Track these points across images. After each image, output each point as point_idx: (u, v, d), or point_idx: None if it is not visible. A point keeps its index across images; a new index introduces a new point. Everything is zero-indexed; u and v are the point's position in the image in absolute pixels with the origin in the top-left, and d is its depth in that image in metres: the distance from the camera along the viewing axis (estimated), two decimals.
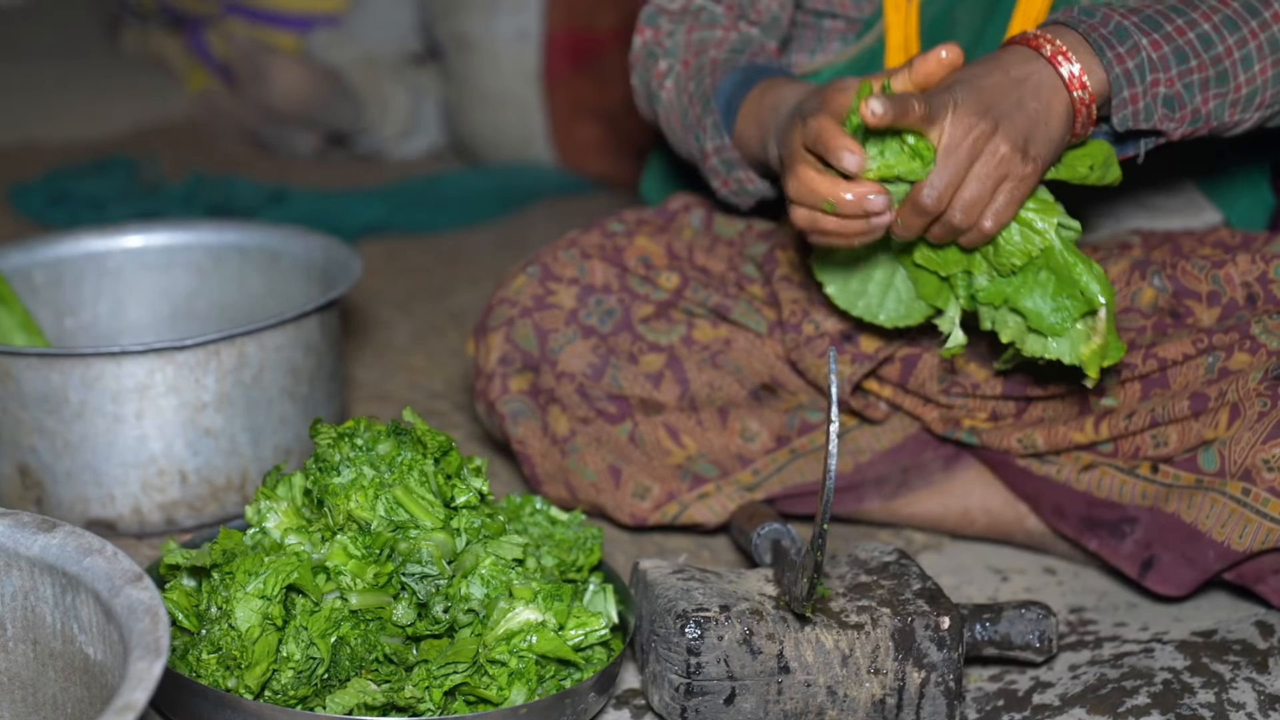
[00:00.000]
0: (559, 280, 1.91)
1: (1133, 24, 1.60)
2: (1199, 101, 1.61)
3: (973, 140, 1.53)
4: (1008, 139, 1.53)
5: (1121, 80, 1.58)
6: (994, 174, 1.54)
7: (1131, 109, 1.60)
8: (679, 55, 1.89)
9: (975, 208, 1.55)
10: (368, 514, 1.54)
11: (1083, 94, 1.57)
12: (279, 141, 3.70)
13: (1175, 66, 1.60)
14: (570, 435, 1.89)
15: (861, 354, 1.82)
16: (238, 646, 1.46)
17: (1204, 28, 1.61)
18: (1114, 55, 1.58)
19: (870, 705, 1.54)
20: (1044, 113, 1.56)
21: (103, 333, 2.25)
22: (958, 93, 1.54)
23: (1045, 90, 1.57)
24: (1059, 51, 1.58)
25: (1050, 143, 1.57)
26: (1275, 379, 1.64)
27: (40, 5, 5.34)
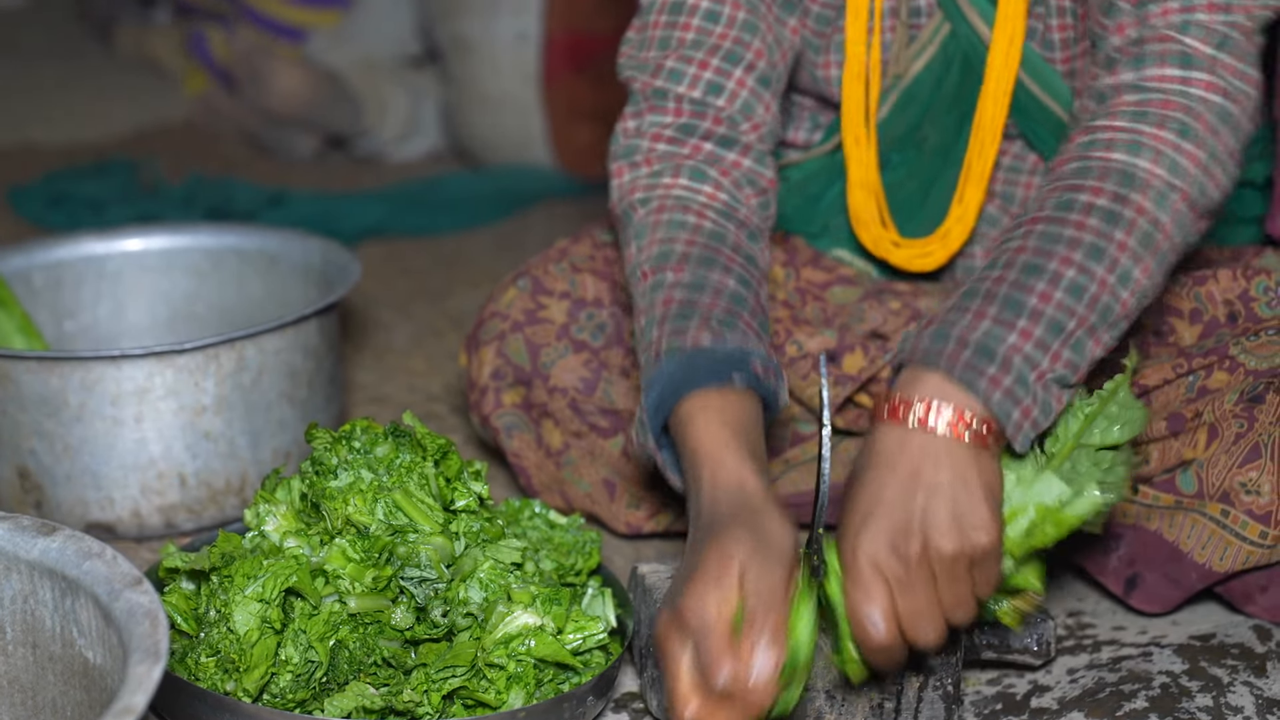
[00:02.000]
0: (550, 294, 1.91)
1: (993, 322, 1.42)
2: (1091, 350, 1.45)
3: (915, 567, 1.37)
4: (943, 534, 1.37)
5: (1005, 404, 1.40)
6: (957, 574, 1.38)
7: (1028, 422, 1.42)
8: (644, 249, 1.66)
9: (966, 605, 1.40)
10: (366, 518, 1.54)
11: (972, 430, 1.40)
12: (278, 144, 3.70)
13: (1055, 341, 1.43)
14: (564, 448, 1.89)
15: (845, 375, 1.82)
16: (236, 650, 1.46)
17: (1069, 276, 1.44)
18: (987, 383, 1.40)
19: (868, 710, 1.54)
20: (956, 479, 1.39)
21: (102, 336, 2.25)
22: (865, 542, 1.37)
23: (941, 456, 1.39)
24: (927, 410, 1.40)
25: (979, 497, 1.38)
26: (1251, 400, 1.63)
27: (40, 6, 5.34)
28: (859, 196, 1.82)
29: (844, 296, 1.87)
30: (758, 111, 1.73)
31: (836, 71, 1.81)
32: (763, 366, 1.55)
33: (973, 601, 1.41)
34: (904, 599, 1.37)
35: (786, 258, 1.90)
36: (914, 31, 1.77)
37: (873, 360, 1.81)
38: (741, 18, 1.73)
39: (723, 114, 1.72)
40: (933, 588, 1.38)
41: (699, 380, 1.52)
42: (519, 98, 3.42)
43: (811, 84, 1.84)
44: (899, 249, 1.84)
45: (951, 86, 1.78)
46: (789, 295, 1.87)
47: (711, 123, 1.72)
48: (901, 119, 1.80)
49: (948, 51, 1.76)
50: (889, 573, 1.37)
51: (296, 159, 3.69)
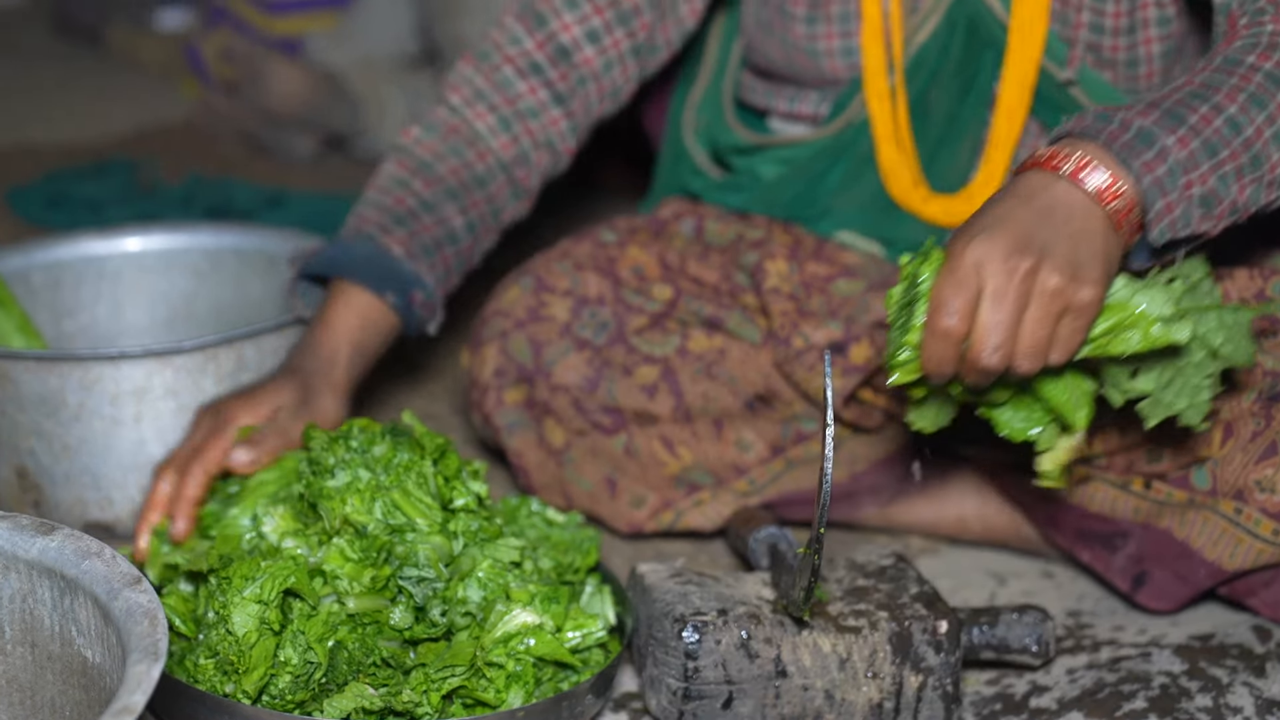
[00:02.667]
0: (552, 292, 1.91)
1: (1154, 123, 1.44)
2: (1235, 192, 1.47)
3: (1018, 283, 1.38)
4: (1056, 269, 1.38)
5: (1154, 191, 1.42)
6: (1051, 312, 1.39)
7: (1169, 219, 1.43)
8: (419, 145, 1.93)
9: (1039, 351, 1.40)
10: (364, 517, 1.53)
11: (1118, 204, 1.42)
12: (277, 144, 3.70)
13: (1206, 161, 1.44)
14: (566, 447, 1.89)
15: (852, 366, 1.82)
16: (235, 651, 1.46)
17: (1230, 111, 1.46)
18: (1141, 164, 1.42)
19: (868, 709, 1.54)
20: (1084, 232, 1.40)
21: (101, 335, 2.25)
22: (982, 241, 1.39)
23: (1078, 210, 1.41)
24: (1080, 167, 1.42)
25: (1100, 259, 1.40)
26: (1269, 399, 1.64)
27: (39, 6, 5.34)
28: (888, 152, 1.84)
29: (849, 289, 1.87)
30: (614, 74, 1.89)
31: (839, 42, 1.83)
32: (423, 298, 1.84)
33: (1047, 350, 1.40)
34: (990, 309, 1.38)
35: (790, 251, 1.90)
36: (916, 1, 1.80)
37: (879, 350, 1.81)
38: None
39: (576, 72, 1.88)
40: (1019, 314, 1.38)
41: (363, 276, 1.81)
42: None
43: (811, 64, 1.86)
44: (929, 203, 1.85)
45: (957, 53, 1.79)
46: (794, 289, 1.87)
47: (558, 77, 1.90)
48: (909, 88, 1.82)
49: (952, 17, 1.78)
50: (989, 279, 1.38)
51: (295, 159, 3.69)
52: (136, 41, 4.49)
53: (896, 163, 1.85)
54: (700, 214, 2.01)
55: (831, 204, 1.92)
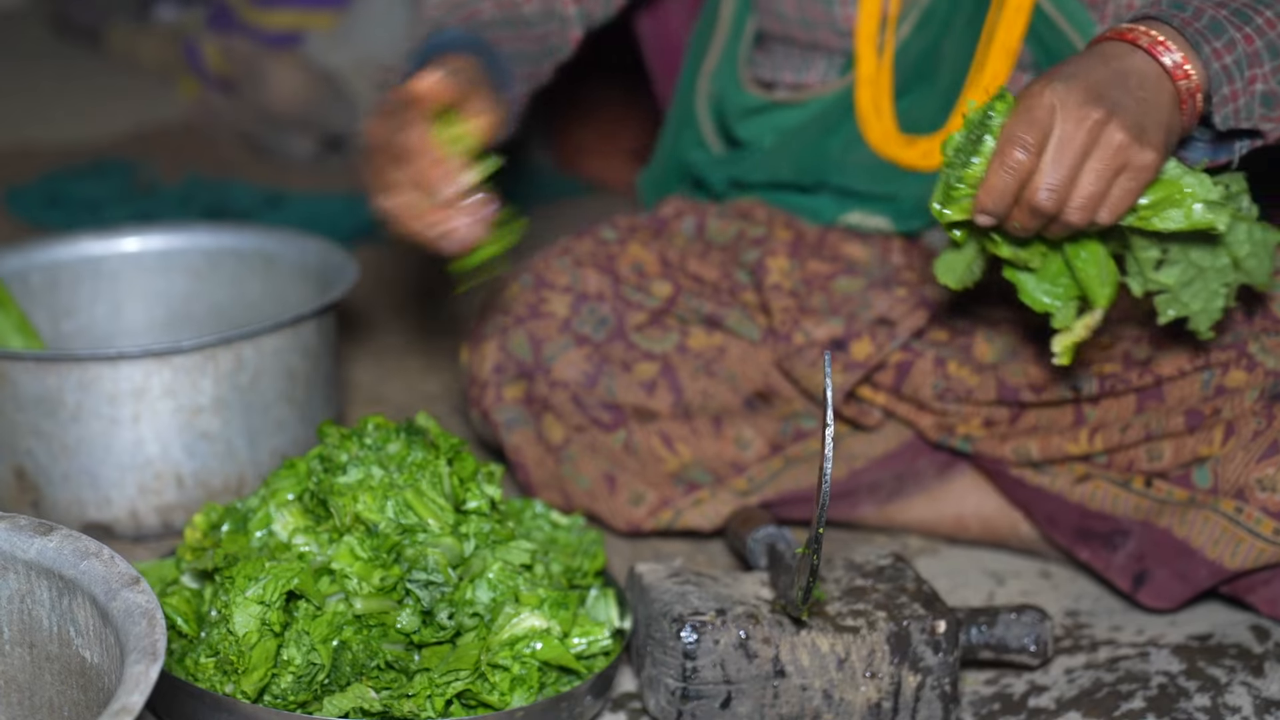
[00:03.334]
0: (552, 288, 1.91)
1: (1225, 17, 1.52)
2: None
3: (1087, 131, 1.44)
4: (1123, 126, 1.44)
5: (1221, 76, 1.50)
6: (1111, 166, 1.45)
7: (1232, 106, 1.52)
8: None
9: (1092, 204, 1.46)
10: (375, 515, 1.53)
11: (1187, 84, 1.49)
12: (276, 145, 3.70)
13: (1269, 62, 1.53)
14: (565, 443, 1.89)
15: (853, 362, 1.82)
16: (235, 651, 1.46)
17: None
18: (1211, 50, 1.50)
19: (866, 709, 1.54)
20: (1154, 101, 1.47)
21: (99, 336, 2.25)
22: (1060, 88, 1.45)
23: (1150, 80, 1.48)
24: (1157, 43, 1.49)
25: (1164, 128, 1.47)
26: (1271, 398, 1.64)
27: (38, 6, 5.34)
28: (864, 94, 1.85)
29: (850, 287, 1.87)
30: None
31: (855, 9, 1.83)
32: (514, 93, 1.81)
33: (1099, 204, 1.45)
34: (1055, 150, 1.44)
35: (791, 248, 1.90)
36: None
37: (880, 347, 1.81)
38: None
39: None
40: (1082, 162, 1.44)
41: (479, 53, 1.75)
42: None
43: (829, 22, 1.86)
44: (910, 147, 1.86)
45: (969, 2, 1.79)
46: (795, 285, 1.87)
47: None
48: (922, 37, 1.82)
49: None
50: (1060, 122, 1.44)
51: (294, 160, 3.69)
52: (136, 40, 4.49)
53: (869, 105, 1.85)
54: (702, 212, 2.01)
55: (837, 173, 1.91)
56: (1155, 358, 1.74)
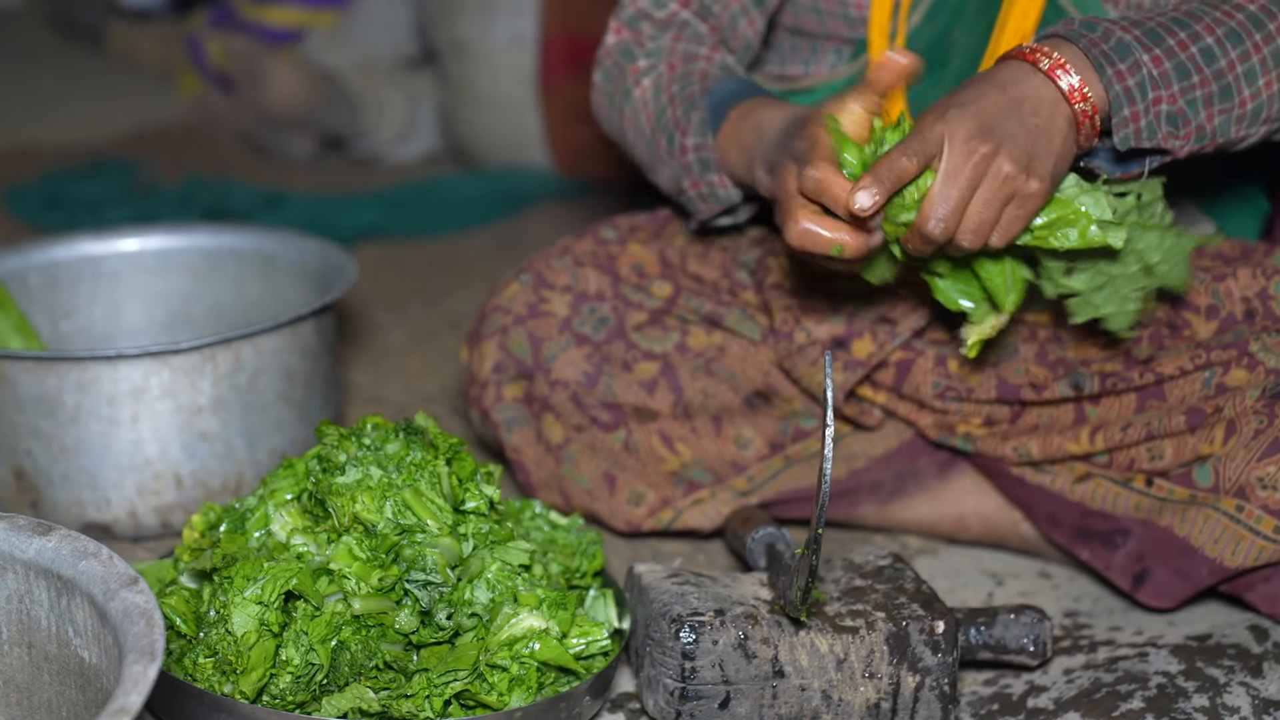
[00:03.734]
0: (552, 288, 1.91)
1: (1134, 39, 1.56)
2: (1203, 118, 1.58)
3: (974, 165, 1.49)
4: (1011, 158, 1.49)
5: (1122, 98, 1.55)
6: (999, 195, 1.50)
7: (1133, 127, 1.56)
8: (663, 58, 1.85)
9: (982, 231, 1.52)
10: (374, 516, 1.53)
11: (1084, 106, 1.54)
12: (275, 145, 3.70)
13: (1177, 82, 1.56)
14: (564, 443, 1.89)
15: (854, 361, 1.82)
16: (233, 652, 1.46)
17: (1207, 41, 1.57)
18: (1114, 72, 1.54)
19: (865, 709, 1.54)
20: (1045, 129, 1.52)
21: (98, 336, 2.25)
22: (952, 118, 1.50)
23: (1045, 106, 1.53)
24: (1057, 65, 1.54)
25: (1054, 157, 1.52)
26: (1273, 397, 1.64)
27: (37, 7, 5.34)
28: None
29: (850, 285, 1.87)
30: (741, 25, 1.87)
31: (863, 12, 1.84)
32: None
33: (989, 231, 1.51)
34: (942, 182, 1.50)
35: None
36: None
37: (881, 345, 1.81)
38: None
39: (718, 22, 1.86)
40: (970, 193, 1.50)
41: (761, 93, 1.75)
42: (516, 99, 3.42)
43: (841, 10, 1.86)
44: None
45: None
46: (796, 284, 1.87)
47: (709, 29, 1.88)
48: (933, 25, 1.81)
49: None
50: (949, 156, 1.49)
51: (293, 160, 3.69)
52: (135, 40, 4.49)
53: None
54: None
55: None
56: (1156, 356, 1.74)
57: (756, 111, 1.72)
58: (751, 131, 1.70)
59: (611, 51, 1.91)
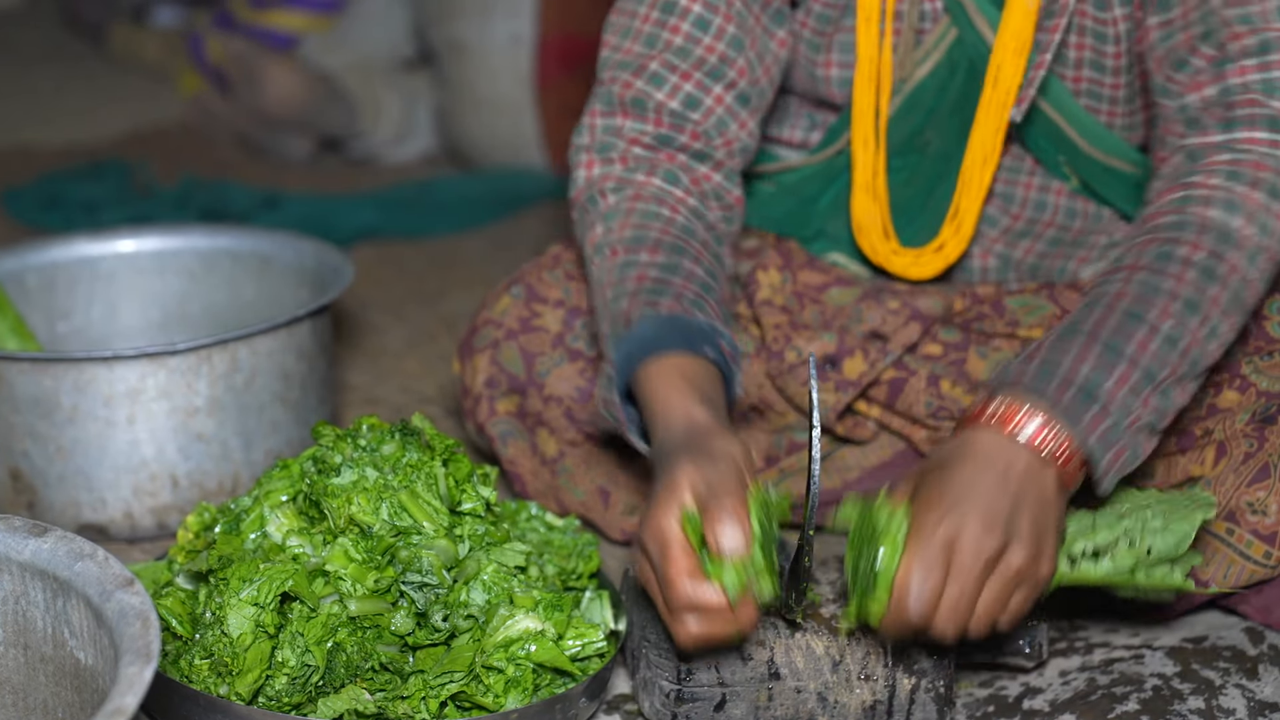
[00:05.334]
0: (544, 302, 1.90)
1: (1093, 366, 1.47)
2: (1176, 399, 1.51)
3: (984, 565, 1.41)
4: (1021, 551, 1.42)
5: (1100, 447, 1.46)
6: (1009, 588, 1.43)
7: (1118, 465, 1.48)
8: (614, 230, 1.70)
9: (989, 620, 1.44)
10: (369, 518, 1.53)
11: (1071, 465, 1.46)
12: (272, 146, 3.70)
13: (1147, 387, 1.48)
14: (559, 456, 1.89)
15: (845, 381, 1.82)
16: (229, 653, 1.46)
17: (1166, 328, 1.49)
18: (1088, 423, 1.45)
19: (861, 711, 1.54)
20: (1044, 503, 1.44)
21: (95, 337, 2.25)
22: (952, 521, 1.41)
23: (1034, 481, 1.44)
24: (1037, 433, 1.44)
25: (1056, 528, 1.46)
26: (1263, 421, 1.64)
27: (35, 8, 5.34)
28: (863, 202, 1.81)
29: (842, 298, 1.87)
30: (731, 128, 1.75)
31: (837, 71, 1.80)
32: (729, 348, 1.58)
33: (995, 618, 1.43)
34: (953, 586, 1.40)
35: (783, 261, 1.89)
36: (920, 36, 1.76)
37: (873, 364, 1.81)
38: (730, 32, 1.72)
39: (699, 128, 1.74)
40: (979, 587, 1.41)
41: (670, 343, 1.55)
42: (513, 100, 3.42)
43: (809, 84, 1.83)
44: (897, 257, 1.84)
45: (956, 92, 1.77)
46: (786, 300, 1.87)
47: (688, 137, 1.74)
48: (905, 123, 1.80)
49: (953, 57, 1.75)
50: (957, 558, 1.40)
51: (290, 161, 3.69)
52: (137, 40, 4.49)
53: (870, 214, 1.82)
54: None
55: (824, 227, 1.91)
56: None
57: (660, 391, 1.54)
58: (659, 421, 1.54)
59: (580, 194, 1.76)
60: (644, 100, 1.73)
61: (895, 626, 1.43)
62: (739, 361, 1.60)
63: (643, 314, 1.60)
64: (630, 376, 1.57)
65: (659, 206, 1.71)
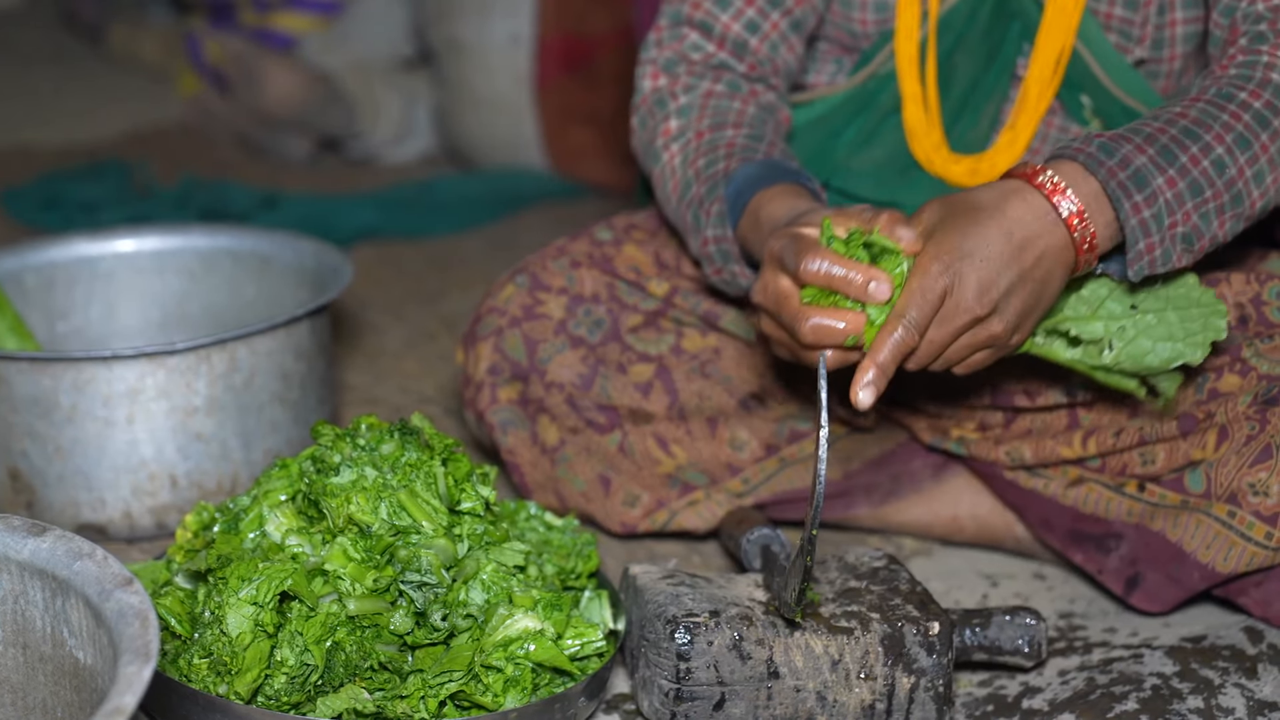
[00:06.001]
0: (548, 290, 1.91)
1: (1149, 160, 1.54)
2: (1215, 228, 1.57)
3: (966, 322, 1.50)
4: (1002, 322, 1.51)
5: (1138, 232, 1.53)
6: (977, 343, 1.53)
7: (1149, 258, 1.54)
8: (692, 119, 1.83)
9: (950, 363, 1.55)
10: (368, 517, 1.53)
11: (1099, 244, 1.55)
12: (272, 146, 3.70)
13: (1191, 200, 1.55)
14: (560, 445, 1.89)
15: None
16: (228, 652, 1.46)
17: (1218, 152, 1.55)
18: (1131, 206, 1.53)
19: (860, 710, 1.54)
20: (1046, 280, 1.53)
21: (94, 337, 2.25)
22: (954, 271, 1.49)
23: (1048, 257, 1.52)
24: (1077, 214, 1.53)
25: (1044, 307, 1.55)
26: (1265, 403, 1.64)
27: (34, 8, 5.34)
28: (914, 111, 1.83)
29: None
30: (781, 53, 1.85)
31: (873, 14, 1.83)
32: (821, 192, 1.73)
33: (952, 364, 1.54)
34: (933, 330, 1.50)
35: None
36: None
37: None
38: None
39: (755, 57, 1.86)
40: (954, 338, 1.51)
41: (777, 178, 1.70)
42: (512, 100, 3.42)
43: (844, 19, 1.85)
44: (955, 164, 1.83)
45: (985, 19, 1.79)
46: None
47: (747, 67, 1.86)
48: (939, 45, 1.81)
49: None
50: (944, 309, 1.49)
51: (290, 161, 3.69)
52: (136, 39, 4.49)
53: (921, 123, 1.83)
54: None
55: (848, 162, 1.90)
56: None
57: (773, 203, 1.67)
58: (766, 224, 1.67)
59: (647, 99, 1.87)
60: (710, 22, 1.85)
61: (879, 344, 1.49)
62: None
63: (742, 162, 1.74)
64: (742, 211, 1.69)
65: (731, 101, 1.83)
